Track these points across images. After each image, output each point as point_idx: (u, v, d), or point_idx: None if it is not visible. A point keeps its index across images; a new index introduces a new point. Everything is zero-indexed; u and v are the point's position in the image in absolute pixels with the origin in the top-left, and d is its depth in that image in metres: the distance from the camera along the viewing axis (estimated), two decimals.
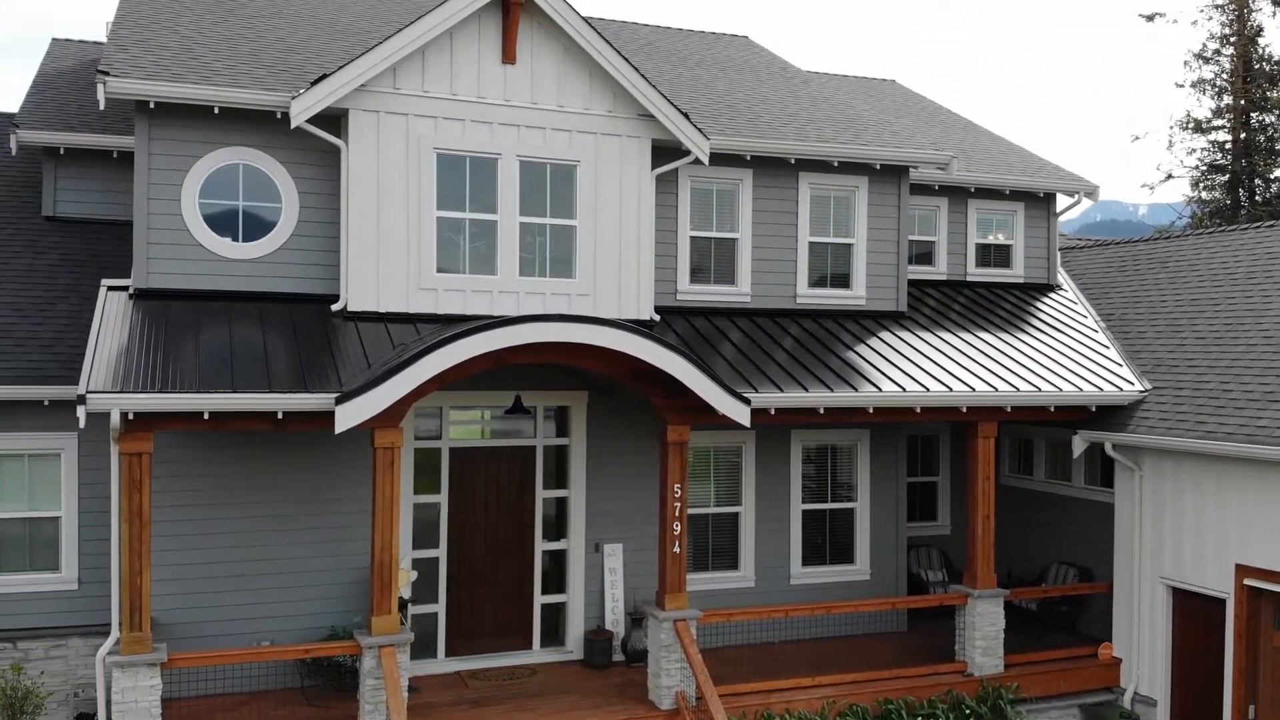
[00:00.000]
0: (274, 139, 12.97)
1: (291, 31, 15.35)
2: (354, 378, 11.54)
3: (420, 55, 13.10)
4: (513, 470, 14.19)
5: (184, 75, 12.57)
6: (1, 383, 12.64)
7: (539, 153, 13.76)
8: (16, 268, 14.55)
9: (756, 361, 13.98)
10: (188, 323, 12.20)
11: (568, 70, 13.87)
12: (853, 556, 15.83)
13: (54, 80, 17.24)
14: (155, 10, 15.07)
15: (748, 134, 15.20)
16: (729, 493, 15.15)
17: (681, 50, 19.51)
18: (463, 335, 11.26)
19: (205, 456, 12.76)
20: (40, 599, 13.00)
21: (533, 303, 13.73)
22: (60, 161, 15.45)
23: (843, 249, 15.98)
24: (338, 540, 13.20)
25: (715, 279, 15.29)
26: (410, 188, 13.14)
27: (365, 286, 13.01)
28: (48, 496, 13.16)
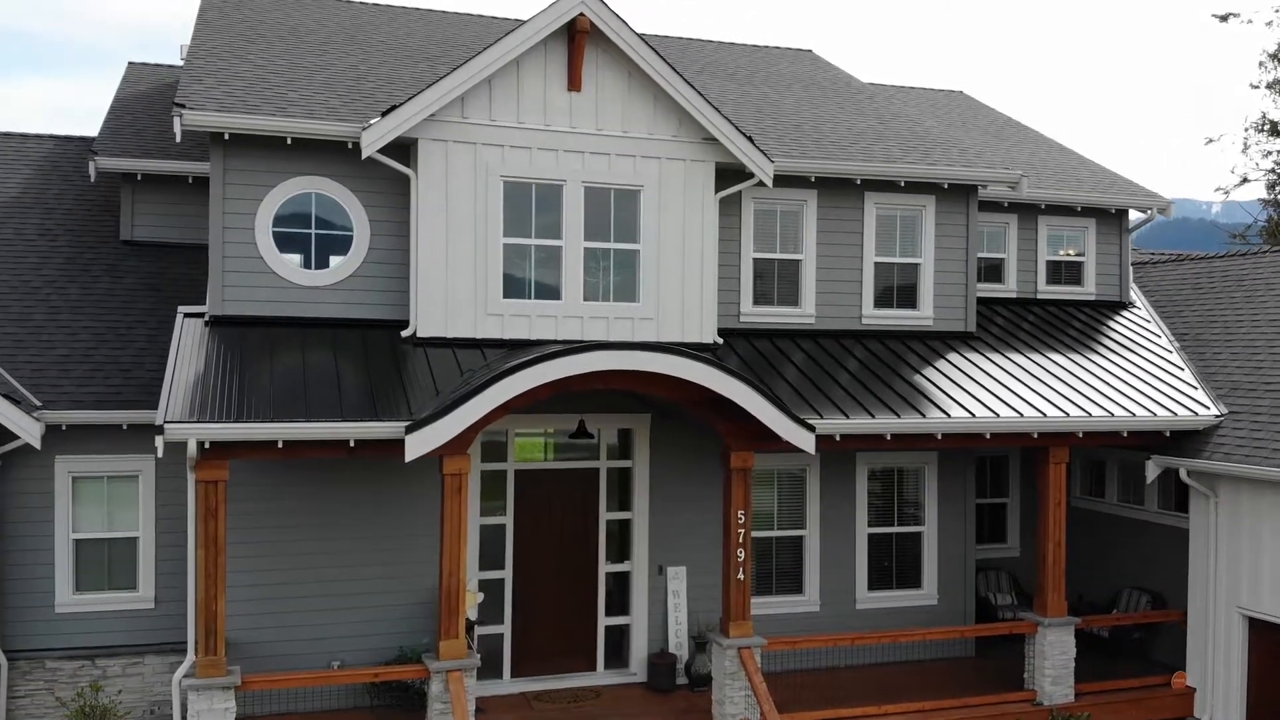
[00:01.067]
0: (345, 168, 13.20)
1: (363, 58, 15.60)
2: (423, 405, 11.70)
3: (487, 85, 13.25)
4: (576, 492, 14.28)
5: (258, 107, 12.85)
6: (82, 408, 13.01)
7: (603, 178, 13.84)
8: (96, 292, 14.97)
9: (820, 385, 13.92)
10: (262, 350, 12.46)
11: (632, 96, 13.92)
12: (920, 581, 15.67)
13: (130, 105, 17.70)
14: (229, 39, 15.40)
15: (813, 155, 15.13)
16: (793, 515, 15.09)
17: (745, 68, 19.47)
18: (528, 364, 11.36)
19: (277, 478, 13.01)
20: (118, 618, 13.37)
21: (597, 327, 13.80)
22: (137, 187, 15.87)
23: (909, 269, 15.83)
24: (406, 560, 13.38)
25: (779, 300, 15.24)
26: (477, 215, 13.29)
27: (434, 313, 13.18)
28: (126, 517, 13.53)
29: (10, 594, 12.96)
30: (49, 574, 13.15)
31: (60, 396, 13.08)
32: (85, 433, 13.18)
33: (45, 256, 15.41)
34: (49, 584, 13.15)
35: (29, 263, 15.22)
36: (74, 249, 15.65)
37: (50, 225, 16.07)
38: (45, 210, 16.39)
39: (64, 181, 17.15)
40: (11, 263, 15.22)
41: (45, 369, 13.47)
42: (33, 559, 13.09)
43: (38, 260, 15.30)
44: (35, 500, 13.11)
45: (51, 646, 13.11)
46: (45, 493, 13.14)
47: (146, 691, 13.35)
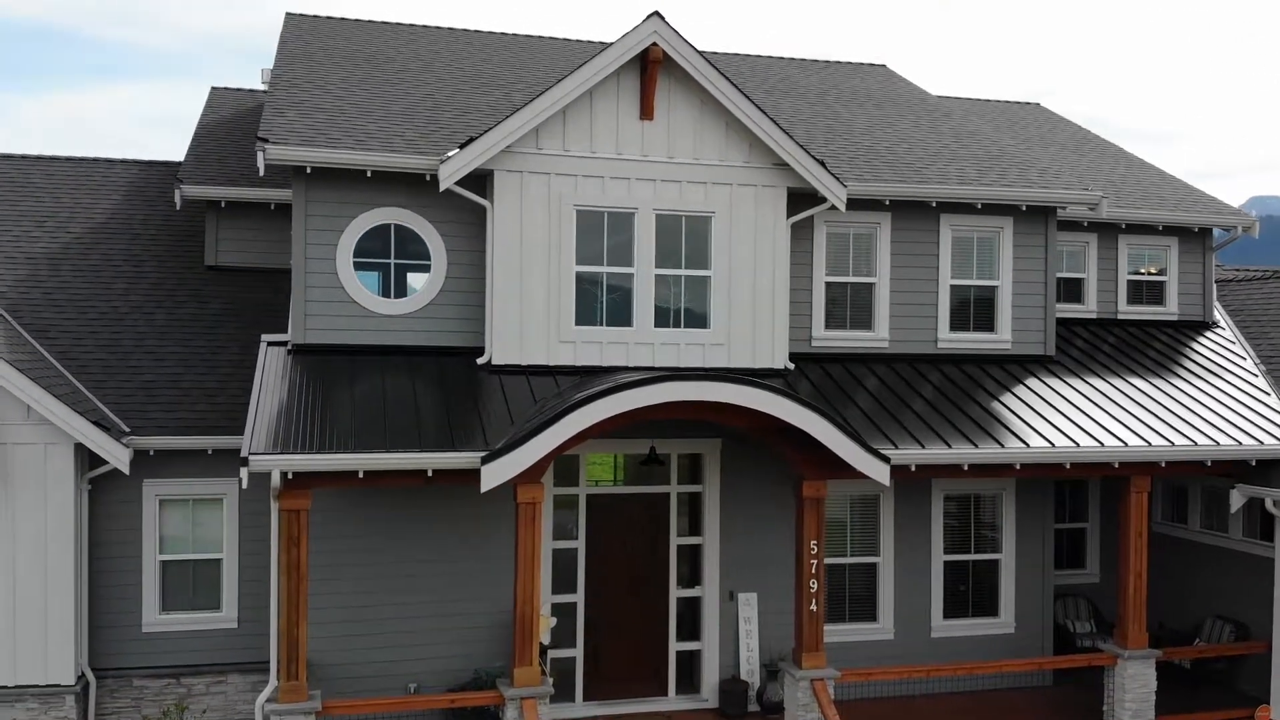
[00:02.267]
0: (423, 199, 13.41)
1: (439, 86, 15.83)
2: (498, 434, 11.85)
3: (561, 116, 13.37)
4: (647, 517, 14.33)
5: (339, 140, 13.11)
6: (169, 433, 13.38)
7: (675, 206, 13.88)
8: (182, 317, 15.39)
9: (893, 411, 13.80)
10: (342, 378, 12.71)
11: (704, 123, 13.95)
12: (996, 609, 15.44)
13: (214, 131, 18.15)
14: (309, 68, 15.74)
15: (887, 178, 15.02)
16: (866, 542, 14.97)
17: (818, 86, 19.37)
18: (599, 396, 11.44)
19: (356, 503, 13.24)
20: (202, 637, 13.72)
21: (667, 354, 13.86)
22: (221, 213, 16.28)
23: (986, 291, 15.62)
24: (481, 583, 13.52)
25: (852, 324, 15.14)
26: (551, 244, 13.42)
27: (508, 341, 13.34)
28: (210, 539, 13.88)
29: (99, 614, 13.37)
30: (136, 594, 13.55)
31: (147, 422, 13.47)
32: (172, 457, 13.55)
33: (132, 282, 15.87)
34: (136, 604, 13.55)
35: (117, 289, 15.70)
36: (160, 274, 16.10)
37: (137, 251, 16.56)
38: (132, 236, 16.89)
39: (149, 207, 17.65)
40: (100, 288, 15.70)
41: (133, 394, 13.88)
42: (121, 580, 13.49)
43: (125, 286, 15.78)
44: (124, 523, 13.51)
45: (138, 665, 13.50)
46: (133, 515, 13.54)
47: (229, 710, 13.69)
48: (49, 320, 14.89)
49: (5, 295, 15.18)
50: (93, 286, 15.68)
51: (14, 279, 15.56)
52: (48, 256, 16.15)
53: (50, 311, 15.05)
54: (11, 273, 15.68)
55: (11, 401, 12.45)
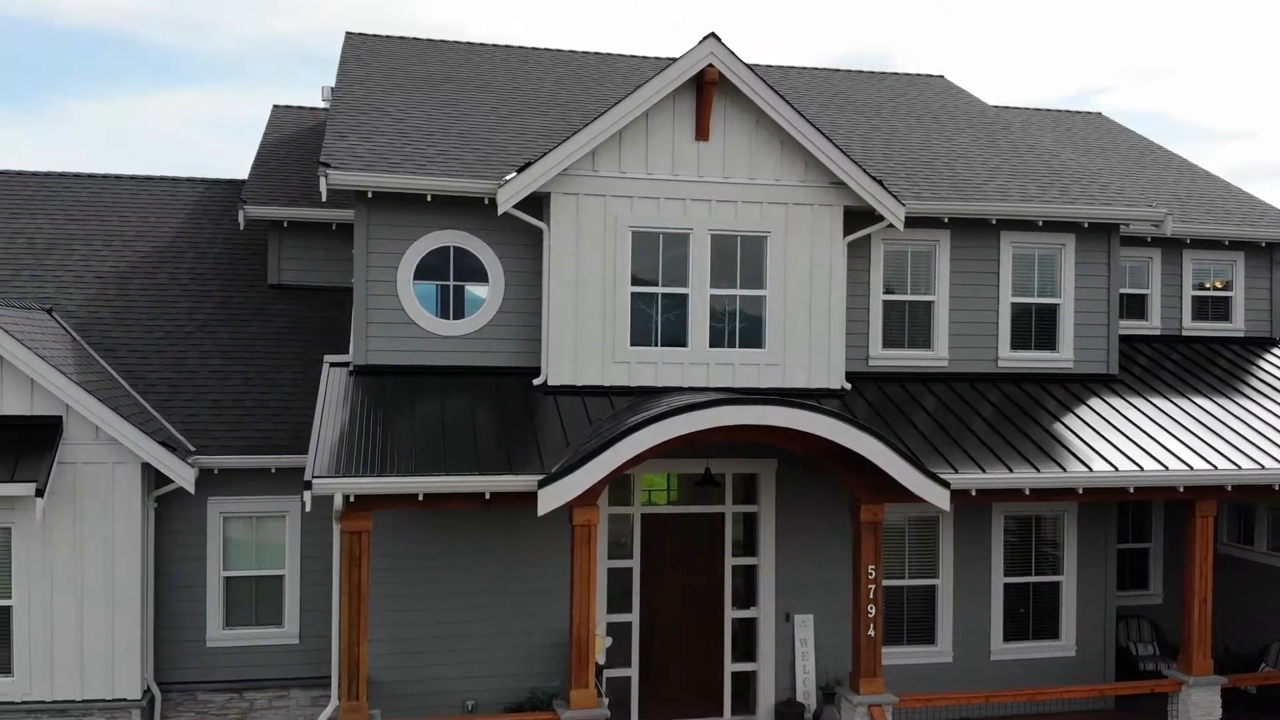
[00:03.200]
0: (481, 221, 13.54)
1: (496, 106, 15.97)
2: (554, 457, 11.93)
3: (617, 138, 13.44)
4: (702, 537, 14.33)
5: (399, 164, 13.28)
6: (233, 453, 13.65)
7: (730, 226, 13.89)
8: (246, 335, 15.68)
9: (952, 432, 13.68)
10: (402, 399, 12.88)
11: (759, 143, 13.94)
12: (1057, 631, 15.21)
13: (276, 150, 18.48)
14: (368, 90, 15.96)
15: (945, 195, 14.89)
16: (925, 564, 14.83)
17: (875, 99, 19.25)
18: (653, 420, 11.47)
19: (415, 522, 13.40)
20: (264, 652, 13.96)
21: (722, 374, 13.85)
22: (284, 233, 16.57)
23: (1048, 309, 15.42)
24: (537, 602, 13.60)
25: (910, 343, 15.03)
26: (606, 265, 13.49)
27: (564, 362, 13.43)
28: (273, 555, 14.12)
29: (164, 628, 13.66)
30: (201, 609, 13.82)
31: (212, 441, 13.74)
32: (236, 475, 13.81)
33: (198, 301, 16.21)
34: (201, 619, 13.83)
35: (183, 307, 16.04)
36: (224, 293, 16.42)
37: (202, 270, 16.90)
38: (197, 254, 17.24)
39: (214, 225, 18.02)
40: (167, 307, 16.06)
41: (199, 413, 14.17)
42: (186, 595, 13.77)
43: (191, 305, 16.11)
44: (188, 539, 13.79)
45: (202, 679, 13.78)
46: (198, 532, 13.82)
47: None
48: (117, 339, 15.25)
49: (74, 314, 15.58)
50: (159, 305, 16.04)
51: (84, 298, 15.96)
52: (116, 275, 16.55)
53: (118, 330, 15.42)
54: (81, 292, 16.08)
55: (81, 422, 12.76)
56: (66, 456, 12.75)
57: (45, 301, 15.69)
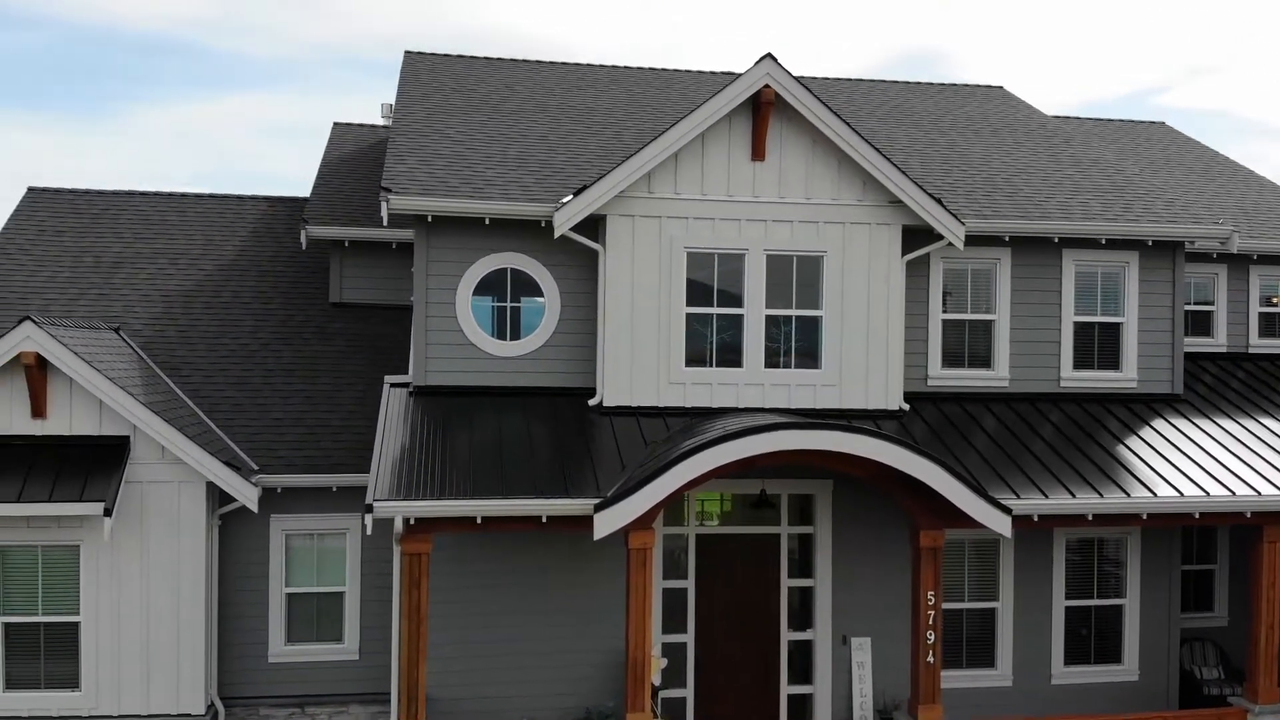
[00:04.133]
0: (538, 243, 13.64)
1: (552, 127, 16.06)
2: (609, 479, 11.98)
3: (673, 160, 13.47)
4: (757, 558, 14.28)
5: (458, 188, 13.42)
6: (296, 471, 13.86)
7: (786, 246, 13.85)
8: (308, 354, 15.92)
9: (1013, 454, 13.51)
10: (461, 420, 13.00)
11: (816, 163, 13.88)
12: (1120, 655, 14.95)
13: (337, 169, 18.75)
14: (427, 111, 16.13)
15: (1006, 213, 14.71)
16: (984, 586, 14.64)
17: (933, 112, 19.08)
18: (708, 445, 11.47)
19: (472, 542, 13.50)
20: (325, 668, 14.15)
21: (778, 394, 13.81)
22: (345, 252, 16.81)
23: (1110, 328, 15.18)
24: (592, 621, 13.64)
25: (969, 363, 14.86)
26: (661, 286, 13.52)
27: (619, 382, 13.48)
28: (334, 572, 14.32)
29: (228, 644, 13.91)
30: (263, 625, 14.04)
31: (276, 460, 13.97)
32: (298, 493, 14.02)
33: (261, 319, 16.49)
34: (263, 635, 14.05)
35: (246, 326, 16.32)
36: (287, 311, 16.69)
37: (265, 288, 17.19)
38: (260, 273, 17.54)
39: (276, 243, 18.32)
40: (230, 325, 16.35)
41: (262, 432, 14.42)
42: (249, 611, 14.00)
43: (254, 323, 16.40)
44: (252, 557, 14.02)
45: (264, 694, 13.99)
46: (261, 549, 14.05)
47: None
48: (182, 358, 15.56)
49: (141, 333, 15.92)
50: (223, 324, 16.34)
51: (150, 316, 16.31)
52: (181, 294, 16.89)
53: (183, 349, 15.73)
54: (147, 310, 16.43)
55: (147, 442, 13.04)
56: (133, 476, 13.04)
57: (113, 320, 16.06)
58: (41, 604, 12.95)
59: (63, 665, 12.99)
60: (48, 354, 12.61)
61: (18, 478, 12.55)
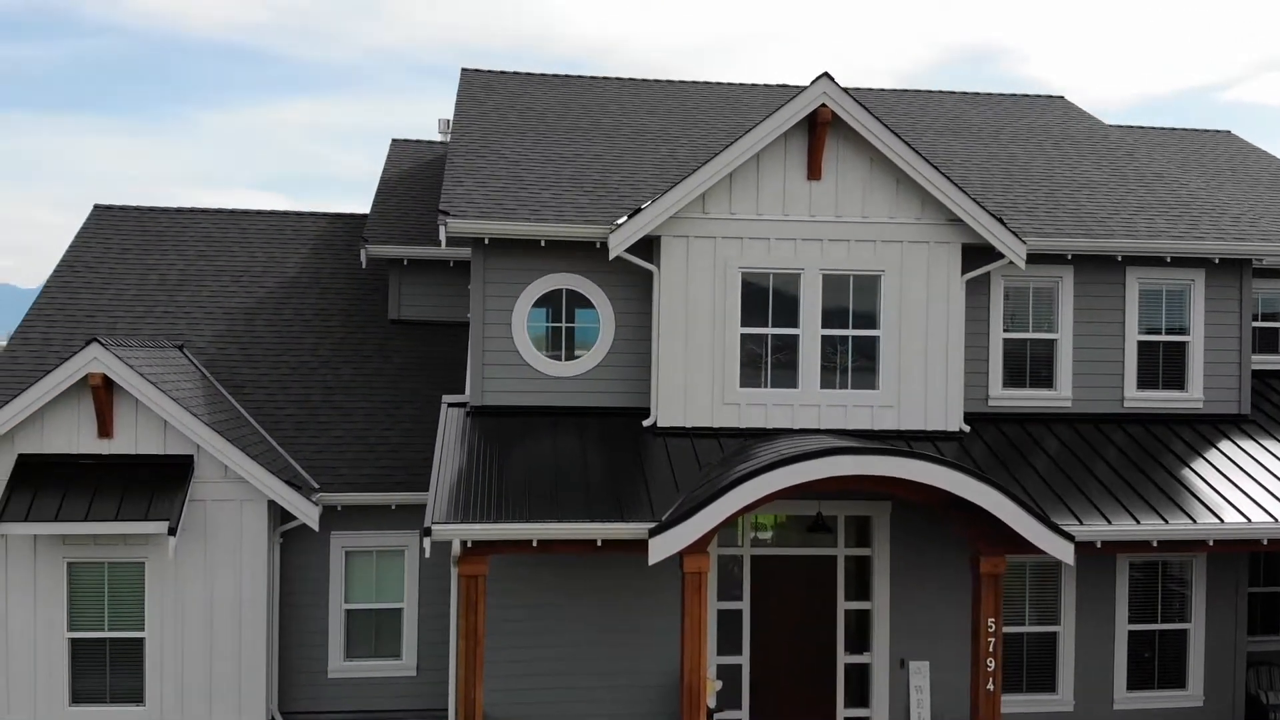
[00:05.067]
0: (593, 264, 13.68)
1: (607, 145, 16.10)
2: (663, 502, 11.97)
3: (728, 180, 13.43)
4: (813, 580, 14.18)
5: (514, 211, 13.50)
6: (356, 489, 14.04)
7: (842, 265, 13.75)
8: (368, 371, 16.11)
9: (1074, 477, 13.29)
10: (516, 441, 13.08)
11: (874, 181, 13.77)
12: (1184, 679, 14.64)
13: (395, 187, 18.94)
14: (484, 131, 16.24)
15: (1069, 231, 14.48)
16: (1045, 609, 14.41)
17: (992, 123, 18.83)
18: (763, 470, 11.41)
19: (529, 562, 13.57)
20: (383, 684, 14.32)
21: (834, 415, 13.72)
22: (404, 270, 16.98)
23: (1175, 347, 14.87)
24: (647, 642, 13.63)
25: (1031, 383, 14.64)
26: (716, 307, 13.49)
27: (673, 403, 13.47)
28: (392, 589, 14.48)
29: (288, 660, 14.11)
30: (323, 641, 14.24)
31: (336, 479, 14.15)
32: (357, 511, 14.19)
33: (321, 337, 16.71)
34: (323, 651, 14.24)
35: (307, 343, 16.55)
36: (346, 329, 16.90)
37: (324, 305, 17.42)
38: (320, 290, 17.78)
39: (336, 260, 18.55)
40: (291, 342, 16.60)
41: (323, 450, 14.61)
42: (309, 627, 14.21)
43: (315, 340, 16.62)
44: (312, 573, 14.22)
45: (324, 709, 14.18)
46: (321, 566, 14.24)
47: None
48: (245, 376, 15.82)
49: (204, 351, 16.21)
50: (284, 341, 16.58)
51: (213, 334, 16.60)
52: (243, 311, 17.17)
53: (246, 367, 15.99)
54: (211, 328, 16.73)
55: (211, 461, 13.27)
56: (197, 494, 13.27)
57: (177, 338, 16.37)
58: (108, 620, 13.24)
59: (128, 680, 13.26)
60: (114, 375, 12.88)
61: (85, 496, 12.84)
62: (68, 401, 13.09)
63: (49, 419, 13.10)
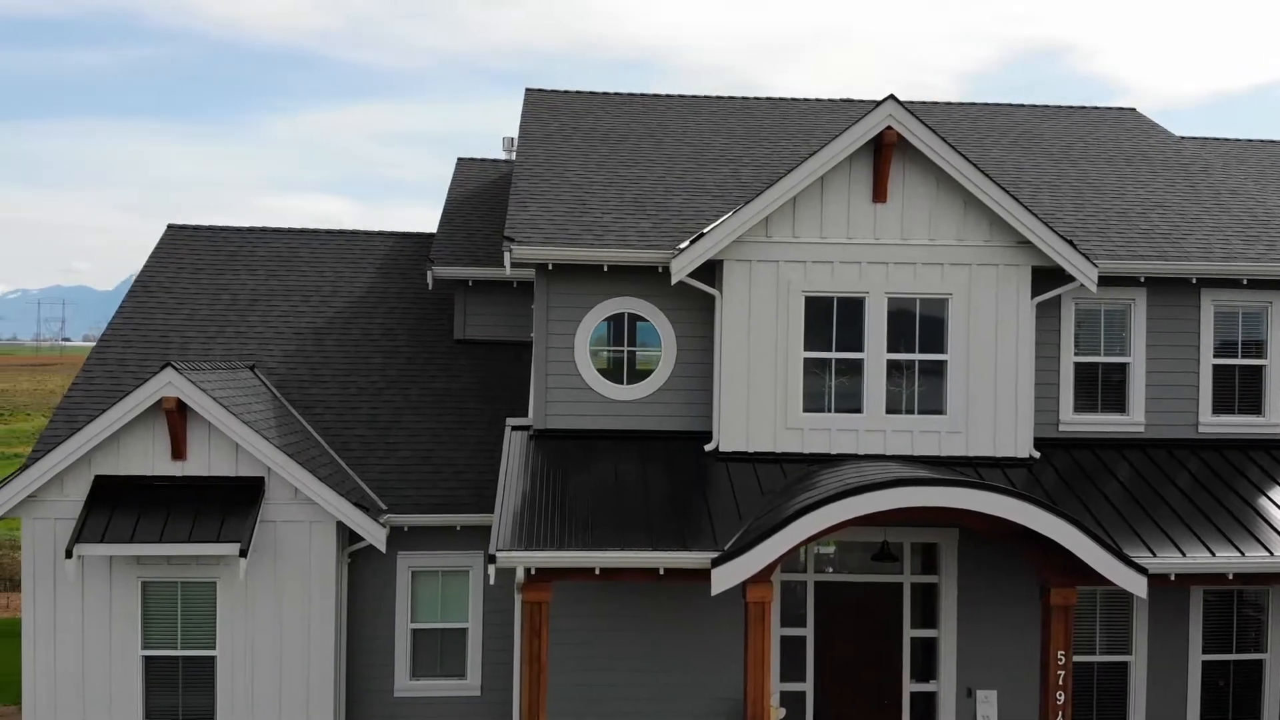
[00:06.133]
0: (655, 288, 13.70)
1: (670, 166, 16.10)
2: (726, 530, 11.95)
3: (791, 204, 13.38)
4: (878, 607, 14.04)
5: (578, 236, 13.57)
6: (422, 511, 14.22)
7: (908, 288, 13.60)
8: (434, 390, 16.29)
9: (1148, 506, 13.00)
10: (579, 466, 13.13)
11: (940, 203, 13.60)
12: (1259, 711, 14.23)
13: (461, 207, 19.12)
14: (548, 153, 16.34)
15: (1143, 252, 14.17)
16: (1116, 639, 14.10)
17: (1063, 138, 18.49)
18: (830, 500, 11.33)
19: (591, 586, 13.59)
20: (448, 703, 14.46)
21: (899, 441, 13.57)
22: (469, 291, 17.14)
23: (1252, 371, 14.49)
24: (710, 669, 13.58)
25: (1102, 407, 14.36)
26: (778, 331, 13.43)
27: (735, 428, 13.43)
28: (457, 609, 14.62)
29: (355, 679, 14.31)
30: (389, 661, 14.42)
31: (402, 500, 14.34)
32: (423, 531, 14.35)
33: (389, 357, 16.92)
34: (389, 670, 14.42)
35: (375, 363, 16.78)
36: (412, 349, 17.09)
37: (391, 324, 17.64)
38: (388, 309, 18.01)
39: (403, 279, 18.76)
40: (359, 362, 16.83)
41: (390, 471, 14.81)
42: (375, 647, 14.40)
43: (382, 360, 16.84)
44: (379, 593, 14.42)
45: None
46: (388, 586, 14.43)
47: None
48: (314, 396, 16.08)
49: (275, 370, 16.51)
50: (353, 361, 16.82)
51: (283, 354, 16.89)
52: (313, 331, 17.44)
53: (315, 387, 16.25)
54: (281, 348, 17.02)
55: (281, 483, 13.50)
56: (268, 515, 13.51)
57: (248, 358, 16.68)
58: (180, 638, 13.53)
59: (199, 697, 13.54)
60: (187, 399, 13.17)
61: (159, 517, 13.14)
62: (143, 424, 13.40)
63: (125, 441, 13.42)
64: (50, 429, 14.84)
